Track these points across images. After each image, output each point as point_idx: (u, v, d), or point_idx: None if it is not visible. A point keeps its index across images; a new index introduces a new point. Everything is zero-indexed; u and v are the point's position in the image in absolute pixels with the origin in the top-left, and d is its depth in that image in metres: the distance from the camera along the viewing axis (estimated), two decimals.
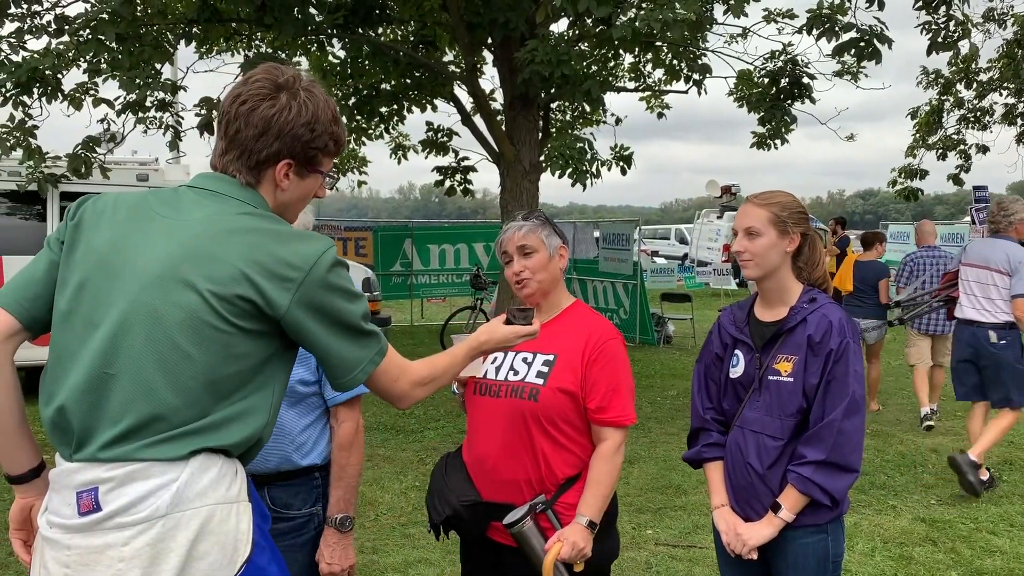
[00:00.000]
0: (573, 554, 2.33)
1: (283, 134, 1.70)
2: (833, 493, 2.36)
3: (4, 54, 7.80)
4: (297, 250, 1.65)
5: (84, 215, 1.74)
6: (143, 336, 1.60)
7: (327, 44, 10.37)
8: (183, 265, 1.61)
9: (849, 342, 2.40)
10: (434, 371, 1.92)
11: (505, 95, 10.27)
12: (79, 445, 1.61)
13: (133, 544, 1.56)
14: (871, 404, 8.51)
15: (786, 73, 10.18)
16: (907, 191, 13.26)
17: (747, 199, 2.58)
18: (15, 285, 1.74)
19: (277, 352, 1.70)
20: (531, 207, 10.19)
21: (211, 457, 1.63)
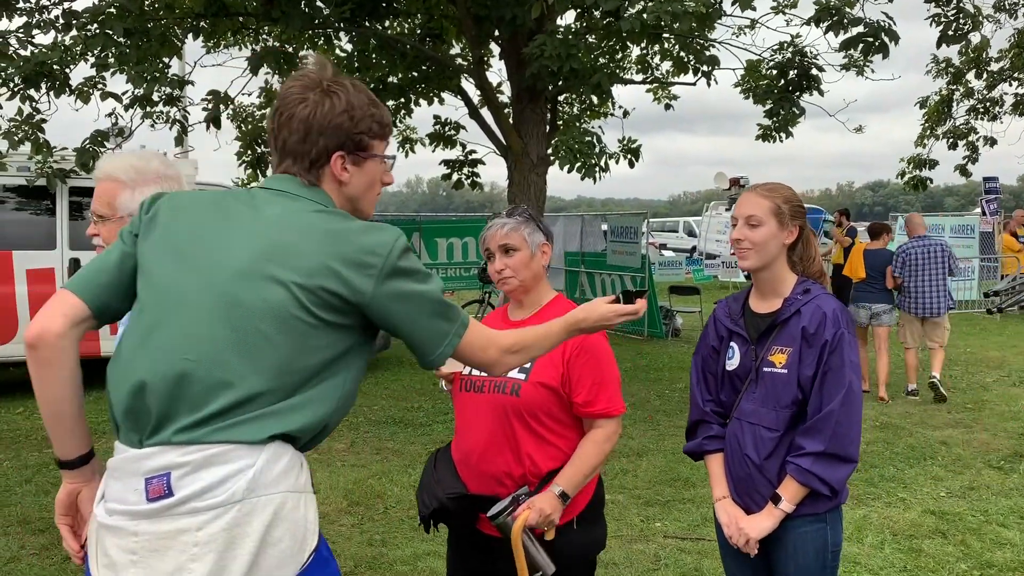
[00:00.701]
0: (540, 520, 2.37)
1: (324, 129, 1.76)
2: (832, 483, 2.37)
3: (12, 49, 7.82)
4: (373, 239, 1.71)
5: (160, 209, 1.79)
6: (228, 325, 1.64)
7: (334, 37, 10.37)
8: (267, 259, 1.66)
9: (844, 332, 2.40)
10: (523, 339, 1.95)
11: (512, 88, 10.24)
12: (154, 430, 1.63)
13: (208, 529, 1.58)
14: (879, 392, 8.71)
15: (795, 65, 10.14)
16: (915, 181, 13.20)
17: (750, 189, 2.57)
18: (88, 273, 1.77)
19: (354, 345, 1.75)
20: (539, 200, 10.17)
21: (283, 446, 1.66)
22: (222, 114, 8.92)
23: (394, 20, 10.85)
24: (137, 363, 1.66)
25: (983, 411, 8.06)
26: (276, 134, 1.79)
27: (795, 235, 2.52)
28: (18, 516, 5.24)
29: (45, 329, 1.68)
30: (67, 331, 1.69)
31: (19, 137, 8.04)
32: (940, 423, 7.62)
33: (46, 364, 1.69)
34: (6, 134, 7.96)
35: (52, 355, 1.68)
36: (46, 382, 1.70)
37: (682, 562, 4.49)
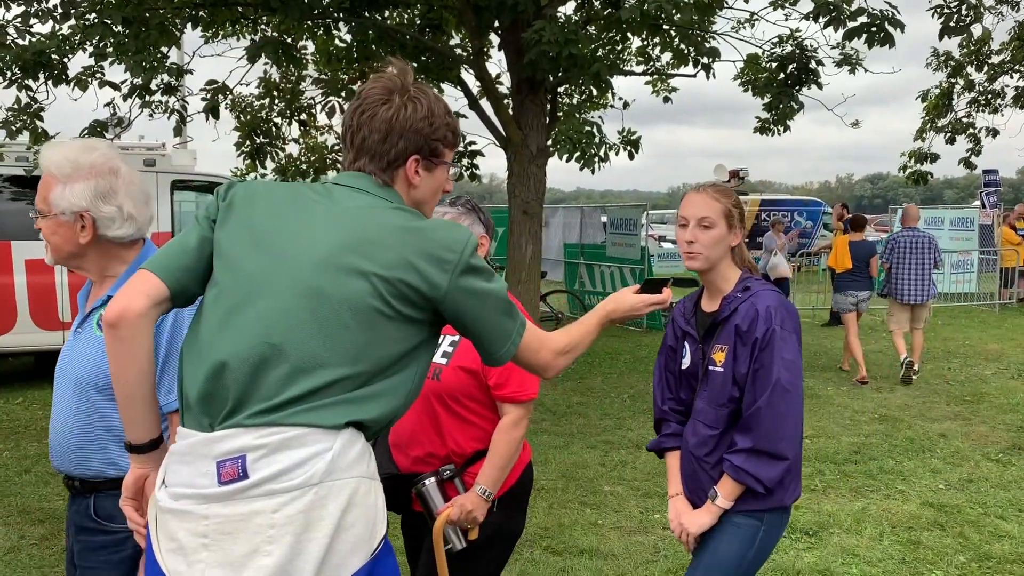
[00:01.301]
0: (462, 517, 2.48)
1: (405, 132, 1.79)
2: (764, 481, 2.37)
3: (11, 38, 7.78)
4: (449, 236, 1.75)
5: (236, 196, 1.81)
6: (309, 312, 1.65)
7: (333, 28, 10.33)
8: (349, 250, 1.68)
9: (775, 329, 2.39)
10: (571, 340, 1.98)
11: (512, 79, 10.21)
12: (229, 414, 1.63)
13: (285, 511, 1.58)
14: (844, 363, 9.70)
15: (794, 58, 10.12)
16: (916, 175, 13.18)
17: (698, 189, 2.54)
18: (167, 255, 1.77)
19: (425, 339, 1.79)
20: (538, 192, 10.16)
21: (356, 433, 1.67)
22: (220, 104, 8.89)
23: (393, 10, 10.81)
24: (218, 346, 1.67)
25: (982, 404, 8.07)
26: (355, 131, 1.81)
27: (739, 238, 2.54)
28: (18, 506, 5.24)
29: (127, 308, 1.68)
30: (148, 311, 1.71)
31: (17, 127, 8.01)
32: (939, 416, 7.63)
33: (126, 343, 1.69)
34: (4, 123, 7.94)
35: (133, 334, 1.69)
36: (124, 362, 1.71)
37: (681, 553, 4.49)
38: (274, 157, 12.13)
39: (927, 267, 9.12)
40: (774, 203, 23.89)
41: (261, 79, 11.65)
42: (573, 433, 6.98)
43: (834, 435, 6.94)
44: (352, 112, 1.83)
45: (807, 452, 6.42)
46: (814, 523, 4.95)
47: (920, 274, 9.10)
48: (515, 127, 9.78)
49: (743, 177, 25.52)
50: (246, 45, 9.60)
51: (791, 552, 4.54)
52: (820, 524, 4.94)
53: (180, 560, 1.62)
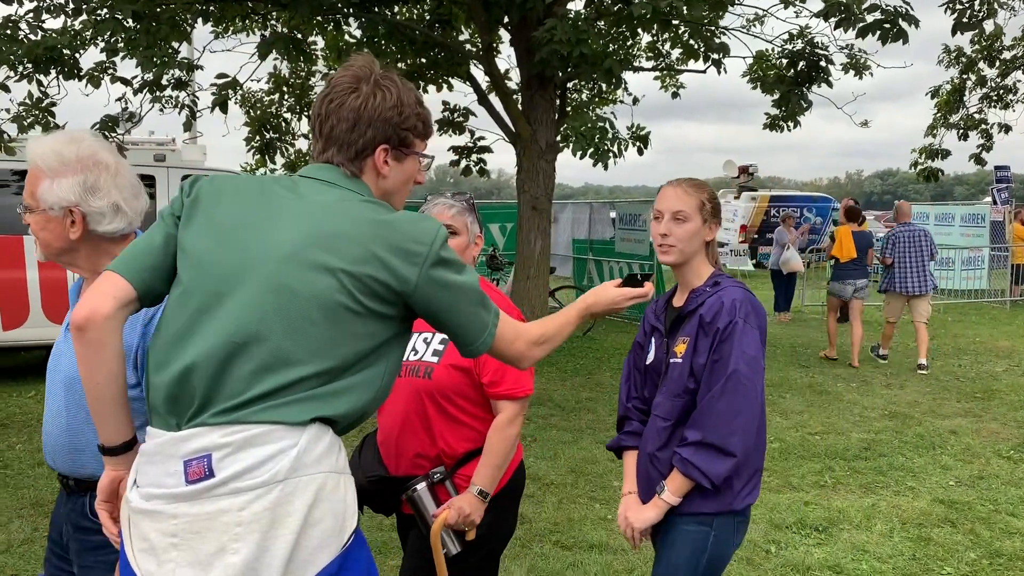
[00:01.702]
0: (459, 520, 2.43)
1: (373, 120, 1.77)
2: (711, 476, 2.29)
3: (23, 33, 7.82)
4: (418, 228, 1.72)
5: (202, 192, 1.78)
6: (275, 309, 1.64)
7: (343, 23, 10.33)
8: (315, 245, 1.66)
9: (738, 322, 2.34)
10: (547, 330, 1.96)
11: (522, 74, 10.20)
12: (195, 413, 1.63)
13: (251, 508, 1.57)
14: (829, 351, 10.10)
15: (804, 55, 10.08)
16: (927, 171, 13.13)
17: (674, 183, 2.52)
18: (133, 255, 1.75)
19: (394, 336, 1.76)
20: (547, 187, 10.15)
21: (323, 428, 1.66)
22: (231, 99, 8.91)
23: (403, 6, 10.81)
24: (185, 347, 1.65)
25: (992, 400, 8.04)
26: (323, 120, 1.79)
27: (714, 233, 2.51)
28: (31, 499, 5.28)
29: (95, 311, 1.66)
30: (115, 313, 1.68)
31: (29, 121, 8.05)
32: (949, 412, 7.61)
33: (94, 346, 1.67)
34: (16, 118, 7.97)
35: (101, 337, 1.67)
36: (93, 364, 1.69)
37: None
38: (284, 152, 12.16)
39: (924, 260, 9.52)
40: (784, 199, 23.80)
41: (271, 74, 11.68)
42: (582, 428, 6.98)
43: (844, 431, 6.93)
44: (321, 101, 1.80)
45: (816, 448, 6.42)
46: (824, 519, 4.94)
47: (918, 267, 9.49)
48: (524, 122, 9.77)
49: (752, 173, 25.47)
50: (256, 41, 9.62)
51: (801, 548, 4.54)
52: (830, 520, 4.93)
53: (151, 560, 1.62)
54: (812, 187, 77.97)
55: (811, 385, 8.73)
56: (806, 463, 6.07)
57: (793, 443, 6.57)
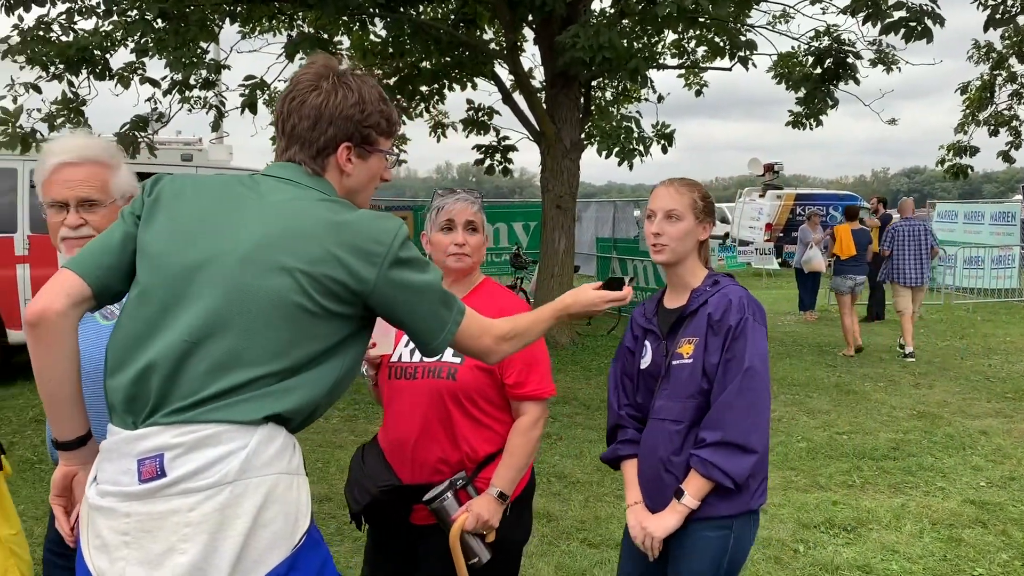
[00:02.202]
0: (478, 525, 2.34)
1: (335, 118, 1.77)
2: (733, 475, 2.26)
3: (56, 35, 7.94)
4: (376, 227, 1.72)
5: (163, 191, 1.79)
6: (231, 309, 1.64)
7: (369, 23, 10.39)
8: (273, 246, 1.66)
9: (748, 319, 2.33)
10: (516, 327, 1.96)
11: (546, 73, 10.21)
12: (151, 412, 1.63)
13: (200, 509, 1.58)
14: (847, 349, 10.34)
15: (831, 52, 10.01)
16: (956, 168, 12.98)
17: (667, 183, 2.51)
18: (89, 253, 1.75)
19: (351, 334, 1.76)
20: (571, 186, 10.17)
21: (276, 428, 1.66)
22: (259, 100, 8.99)
23: (428, 5, 10.86)
24: (143, 348, 1.66)
25: (1023, 401, 7.94)
26: (285, 119, 1.79)
27: (708, 232, 2.49)
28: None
29: (46, 308, 1.66)
30: (68, 311, 1.68)
31: (59, 121, 8.17)
32: (980, 412, 7.52)
33: (46, 343, 1.68)
34: (48, 117, 8.09)
35: (52, 334, 1.67)
36: (45, 361, 1.69)
37: None
38: None
39: (924, 253, 10.04)
40: (809, 197, 23.63)
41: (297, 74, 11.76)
42: None
43: (871, 431, 6.87)
44: (283, 99, 1.80)
45: (844, 448, 6.37)
46: (852, 519, 4.91)
47: (918, 259, 10.01)
48: (549, 121, 9.78)
49: (778, 171, 25.31)
50: (283, 41, 9.71)
51: (829, 548, 4.51)
52: (859, 520, 4.90)
53: (104, 557, 1.63)
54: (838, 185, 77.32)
55: (838, 385, 8.67)
56: (834, 463, 6.02)
57: (820, 443, 6.53)
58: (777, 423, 7.12)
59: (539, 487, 5.43)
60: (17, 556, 2.07)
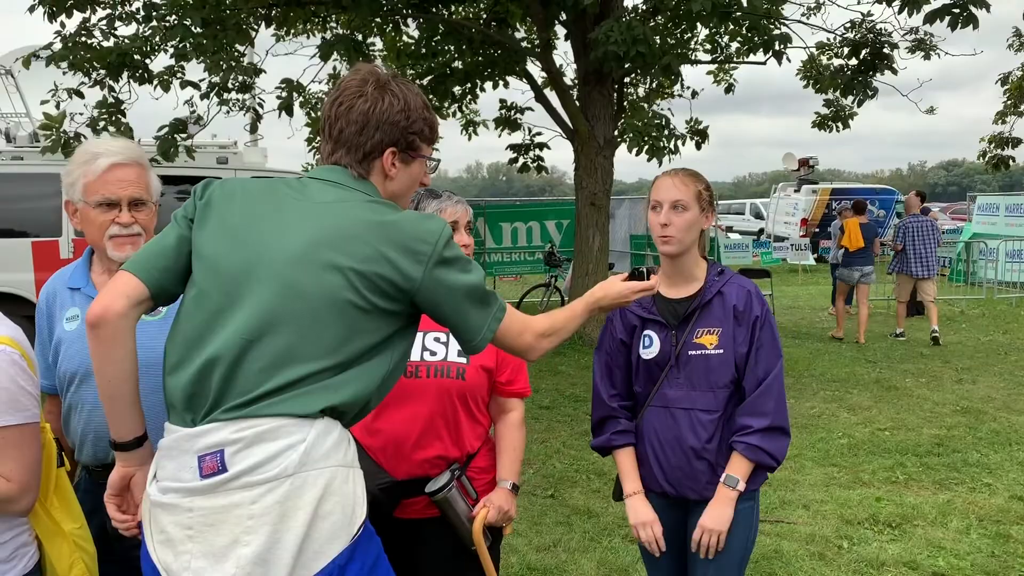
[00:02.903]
0: (500, 517, 2.44)
1: (381, 124, 1.82)
2: (778, 457, 2.41)
3: (96, 40, 8.08)
4: (423, 227, 1.77)
5: (213, 195, 1.84)
6: (286, 307, 1.69)
7: (402, 24, 10.45)
8: (324, 245, 1.71)
9: (768, 309, 2.46)
10: (554, 323, 1.99)
11: (579, 71, 10.19)
12: (210, 409, 1.68)
13: (262, 502, 1.62)
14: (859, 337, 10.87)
15: (868, 43, 9.88)
16: (996, 159, 12.76)
17: (670, 173, 2.52)
18: (146, 255, 1.81)
19: (399, 330, 1.81)
20: (605, 183, 10.14)
21: (332, 422, 1.71)
22: (295, 102, 9.09)
23: (460, 6, 10.89)
24: (204, 345, 1.71)
25: None
26: (332, 123, 1.84)
27: (710, 222, 2.52)
28: None
29: (107, 308, 1.71)
30: (128, 311, 1.73)
31: (102, 125, 8.31)
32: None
33: (107, 343, 1.72)
34: (91, 122, 8.24)
35: (113, 334, 1.72)
36: (106, 361, 1.73)
37: (761, 543, 4.46)
38: None
39: (931, 247, 10.79)
40: (845, 192, 23.34)
41: (331, 75, 11.85)
42: None
43: (914, 427, 6.78)
44: (330, 104, 1.85)
45: (887, 444, 6.30)
46: (897, 515, 4.86)
47: (926, 253, 10.77)
48: (582, 119, 9.76)
49: (813, 166, 25.02)
50: (317, 43, 9.79)
51: (874, 544, 4.47)
52: (903, 516, 4.84)
53: (168, 551, 1.68)
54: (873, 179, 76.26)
55: (878, 380, 8.56)
56: (876, 459, 5.96)
57: (862, 439, 6.46)
58: (817, 419, 7.06)
59: (579, 484, 5.44)
60: (82, 549, 2.12)
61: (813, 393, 8.07)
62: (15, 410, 1.85)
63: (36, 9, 8.20)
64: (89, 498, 2.24)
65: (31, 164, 8.98)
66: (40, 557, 2.02)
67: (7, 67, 10.83)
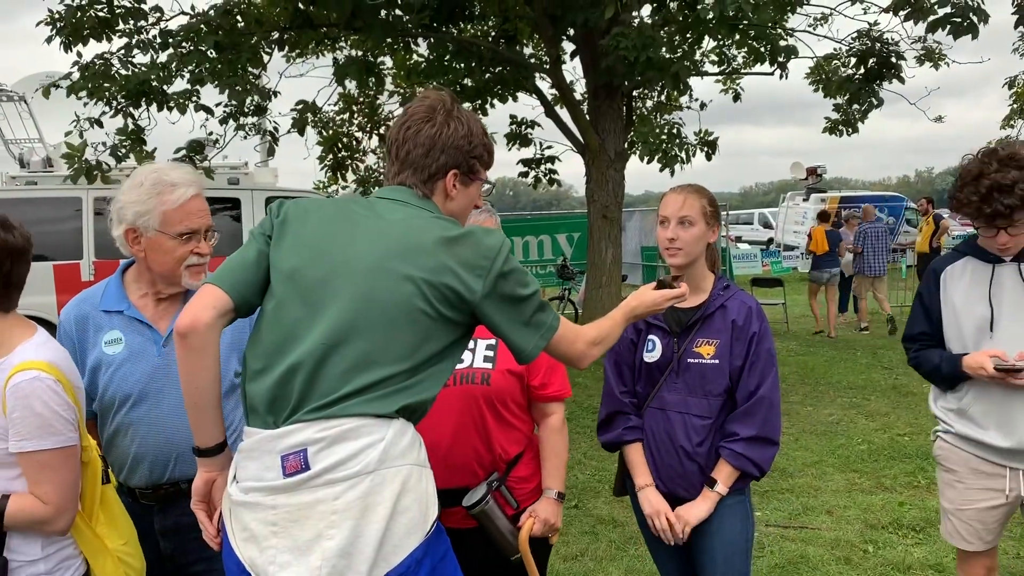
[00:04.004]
0: (545, 529, 2.46)
1: (447, 147, 1.96)
2: (762, 465, 2.53)
3: (115, 69, 8.23)
4: (485, 243, 1.89)
5: (289, 213, 1.97)
6: (363, 315, 1.80)
7: (412, 44, 10.57)
8: (397, 256, 1.83)
9: (765, 325, 2.59)
10: (601, 331, 2.11)
11: (588, 84, 10.30)
12: (292, 411, 1.78)
13: (345, 498, 1.72)
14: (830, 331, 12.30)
15: (875, 52, 9.95)
16: None
17: (677, 190, 2.64)
18: (230, 269, 1.92)
19: (459, 338, 1.93)
20: (616, 196, 10.22)
21: (406, 424, 1.82)
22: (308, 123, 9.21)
23: (469, 24, 11.02)
24: (286, 353, 1.81)
25: None
26: (400, 145, 1.97)
27: (716, 235, 2.65)
28: None
29: (196, 319, 1.82)
30: (215, 322, 1.84)
31: (124, 151, 8.45)
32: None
33: (196, 352, 1.83)
34: (113, 149, 8.38)
35: (202, 343, 1.83)
36: (194, 370, 1.84)
37: (786, 549, 4.50)
38: (355, 169, 12.46)
39: (883, 249, 12.42)
40: (854, 200, 23.36)
41: (341, 95, 11.99)
42: None
43: None
44: (398, 128, 1.98)
45: (907, 449, 6.33)
46: (921, 519, 4.89)
47: (880, 254, 12.34)
48: (592, 132, 9.85)
49: (821, 174, 25.08)
50: (327, 64, 9.93)
51: (899, 547, 4.50)
52: (927, 520, 4.87)
53: (253, 547, 1.77)
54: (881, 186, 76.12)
55: (895, 387, 8.59)
56: (897, 464, 5.99)
57: (882, 444, 6.49)
58: (836, 426, 7.09)
59: (602, 494, 5.49)
60: (127, 564, 2.16)
61: (831, 400, 8.10)
62: (50, 434, 1.92)
63: (53, 40, 8.35)
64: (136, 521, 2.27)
65: (46, 189, 9.12)
66: (87, 570, 2.07)
67: (20, 93, 11.02)
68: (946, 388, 2.89)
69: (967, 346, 2.79)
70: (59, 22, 8.26)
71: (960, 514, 2.90)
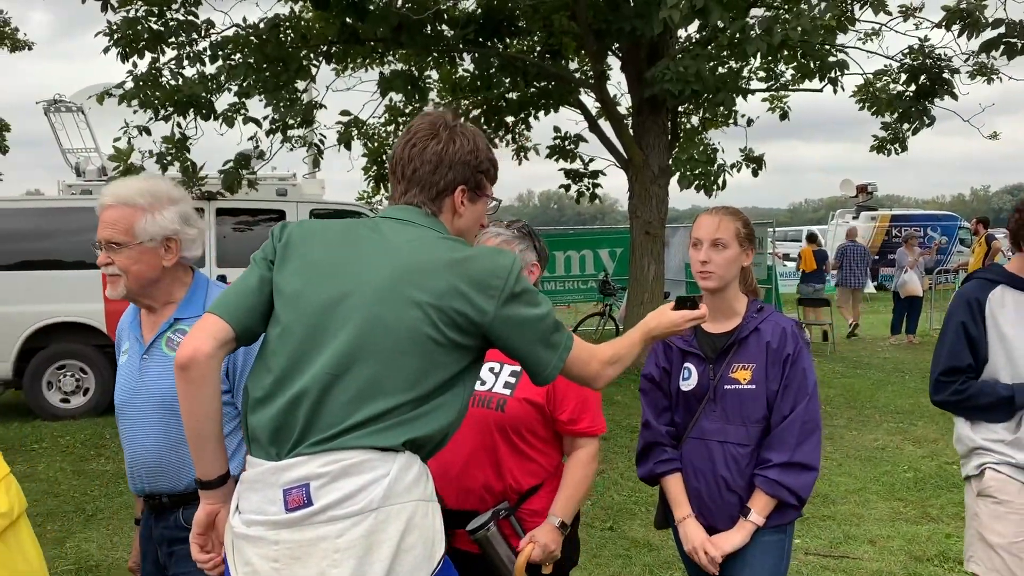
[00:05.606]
0: (543, 556, 2.37)
1: (454, 163, 1.91)
2: (799, 492, 2.42)
3: (165, 79, 8.41)
4: (495, 263, 1.84)
5: (292, 235, 1.91)
6: (369, 342, 1.75)
7: (457, 58, 10.63)
8: (403, 280, 1.78)
9: (802, 346, 2.50)
10: (618, 351, 2.04)
11: (633, 100, 10.25)
12: (296, 443, 1.73)
13: (348, 535, 1.67)
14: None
15: (926, 68, 9.75)
16: None
17: (711, 212, 2.57)
18: (230, 297, 1.88)
19: (470, 364, 1.87)
20: (659, 211, 10.16)
21: (412, 457, 1.76)
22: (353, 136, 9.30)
23: (514, 39, 11.05)
24: (291, 381, 1.76)
25: None
26: (405, 164, 1.92)
27: (750, 258, 2.56)
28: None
29: (197, 350, 1.77)
30: (215, 352, 1.79)
31: (168, 160, 8.62)
32: None
33: (196, 384, 1.78)
34: (158, 157, 8.56)
35: (203, 375, 1.78)
36: (195, 401, 1.80)
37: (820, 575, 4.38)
38: None
39: (863, 266, 14.52)
40: (906, 219, 22.91)
41: (387, 107, 12.10)
42: None
43: None
44: (403, 146, 1.93)
45: (955, 478, 6.12)
46: None
47: (860, 270, 14.38)
48: (636, 148, 9.80)
49: (872, 192, 24.63)
50: (374, 78, 10.02)
51: None
52: None
53: None
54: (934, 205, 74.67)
55: (944, 412, 8.33)
56: (944, 493, 5.80)
57: (929, 472, 6.30)
58: (881, 452, 6.91)
59: (639, 516, 5.41)
60: None
61: (876, 425, 7.90)
62: None
63: (110, 51, 8.57)
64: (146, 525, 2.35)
65: None
66: None
67: (78, 105, 11.32)
68: (1002, 419, 2.80)
69: (1021, 376, 2.72)
70: (116, 33, 8.48)
71: (1013, 547, 2.78)
